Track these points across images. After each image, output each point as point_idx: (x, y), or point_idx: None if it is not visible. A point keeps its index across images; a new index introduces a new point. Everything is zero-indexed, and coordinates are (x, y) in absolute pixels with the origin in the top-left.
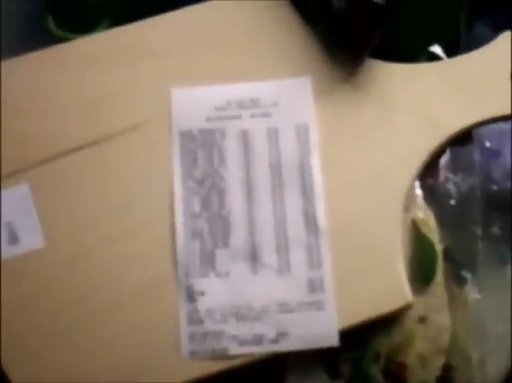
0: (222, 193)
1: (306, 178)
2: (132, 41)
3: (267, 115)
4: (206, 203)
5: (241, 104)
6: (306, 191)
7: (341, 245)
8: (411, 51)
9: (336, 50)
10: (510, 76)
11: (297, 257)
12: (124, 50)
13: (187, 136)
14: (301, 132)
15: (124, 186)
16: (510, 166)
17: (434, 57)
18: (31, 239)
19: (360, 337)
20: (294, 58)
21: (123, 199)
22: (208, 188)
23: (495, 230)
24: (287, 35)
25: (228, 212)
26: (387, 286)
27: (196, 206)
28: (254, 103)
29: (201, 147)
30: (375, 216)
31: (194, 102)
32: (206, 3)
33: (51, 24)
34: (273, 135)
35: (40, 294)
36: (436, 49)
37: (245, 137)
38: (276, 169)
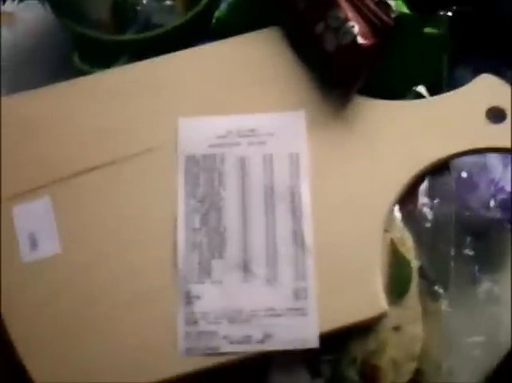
0: (219, 211)
1: (296, 200)
2: (146, 76)
3: (263, 143)
4: (205, 220)
5: (240, 133)
6: (295, 212)
7: (325, 260)
8: (398, 90)
9: (328, 87)
10: (484, 113)
11: (285, 269)
12: (139, 84)
13: (191, 161)
14: (293, 160)
15: (134, 202)
16: (487, 197)
17: (419, 96)
18: (50, 246)
19: (339, 342)
20: (290, 94)
21: (133, 214)
22: (208, 207)
23: (467, 251)
24: (284, 73)
25: (224, 228)
26: (365, 296)
27: (196, 222)
28: (252, 132)
29: (203, 170)
30: (357, 235)
31: (199, 130)
32: (213, 44)
33: (76, 59)
34: (268, 161)
35: (55, 295)
36: (421, 88)
37: (242, 163)
38: (269, 192)
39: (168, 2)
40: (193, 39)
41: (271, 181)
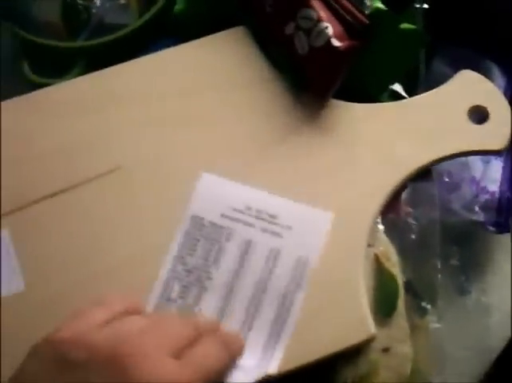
0: (202, 289)
1: (286, 307)
2: (105, 87)
3: (277, 235)
4: (184, 293)
5: (258, 215)
6: (280, 320)
7: (310, 286)
8: (374, 90)
9: (302, 93)
10: (466, 113)
11: None
12: (97, 97)
13: (196, 223)
14: (300, 265)
15: (95, 231)
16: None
17: (395, 95)
18: (12, 284)
19: (328, 368)
20: (263, 102)
21: (94, 244)
22: (193, 280)
23: (454, 262)
24: (254, 78)
25: (200, 309)
26: (352, 320)
27: (174, 292)
28: (271, 218)
29: (205, 238)
30: (340, 253)
31: (217, 194)
32: (175, 48)
33: (26, 69)
34: (273, 257)
35: (16, 338)
36: (397, 87)
37: (247, 247)
38: (261, 288)
39: (122, 1)
40: (153, 39)
41: (268, 278)
